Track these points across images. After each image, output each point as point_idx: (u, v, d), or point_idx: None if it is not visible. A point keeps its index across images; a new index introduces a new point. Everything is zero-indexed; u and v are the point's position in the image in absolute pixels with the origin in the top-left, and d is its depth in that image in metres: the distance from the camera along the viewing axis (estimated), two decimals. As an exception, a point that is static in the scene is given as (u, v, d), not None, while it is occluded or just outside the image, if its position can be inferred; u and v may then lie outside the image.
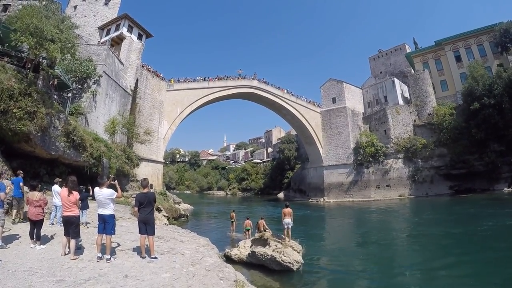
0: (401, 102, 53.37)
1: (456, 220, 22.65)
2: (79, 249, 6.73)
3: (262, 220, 14.45)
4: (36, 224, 6.96)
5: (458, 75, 50.60)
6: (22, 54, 17.05)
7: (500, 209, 24.99)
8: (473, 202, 32.06)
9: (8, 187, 8.37)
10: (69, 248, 6.38)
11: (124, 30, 34.09)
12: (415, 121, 50.03)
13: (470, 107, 40.96)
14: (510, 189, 37.93)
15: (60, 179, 10.69)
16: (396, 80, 55.67)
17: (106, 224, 6.34)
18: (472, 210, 26.30)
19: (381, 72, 72.98)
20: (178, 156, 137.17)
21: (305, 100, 55.23)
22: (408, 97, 55.22)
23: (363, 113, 56.47)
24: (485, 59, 48.06)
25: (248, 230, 16.46)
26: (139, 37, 36.05)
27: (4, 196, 6.93)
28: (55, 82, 18.27)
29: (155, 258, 6.51)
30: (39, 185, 7.80)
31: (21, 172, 10.46)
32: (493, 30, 46.21)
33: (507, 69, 40.97)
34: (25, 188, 9.81)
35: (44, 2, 19.41)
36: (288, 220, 12.25)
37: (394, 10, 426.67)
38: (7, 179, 9.31)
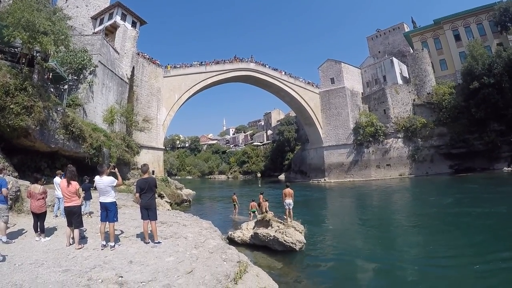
0: (400, 81, 52.90)
1: (458, 200, 21.94)
2: (83, 239, 6.83)
3: (266, 202, 14.63)
4: (39, 217, 7.01)
5: (458, 54, 49.94)
6: (16, 50, 16.82)
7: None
8: (475, 181, 32.03)
9: (11, 183, 8.42)
10: (73, 238, 6.46)
11: (117, 19, 33.61)
12: (414, 100, 49.79)
13: (470, 86, 40.71)
14: (510, 169, 38.13)
15: (62, 172, 10.78)
16: (394, 60, 54.99)
17: (108, 212, 6.40)
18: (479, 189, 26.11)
19: (379, 52, 71.94)
20: (178, 142, 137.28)
21: (304, 81, 54.78)
22: (407, 77, 54.70)
23: (362, 93, 56.11)
24: (485, 38, 47.35)
25: (254, 212, 16.61)
26: (133, 24, 35.56)
27: (6, 192, 6.97)
28: (50, 76, 18.11)
29: (159, 243, 6.60)
30: (43, 178, 7.81)
31: (60, 171, 10.86)
32: (493, 9, 45.37)
33: (506, 48, 40.46)
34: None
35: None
36: (289, 201, 12.34)
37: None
38: (8, 175, 9.37)
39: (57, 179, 9.71)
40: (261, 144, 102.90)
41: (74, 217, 6.42)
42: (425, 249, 11.54)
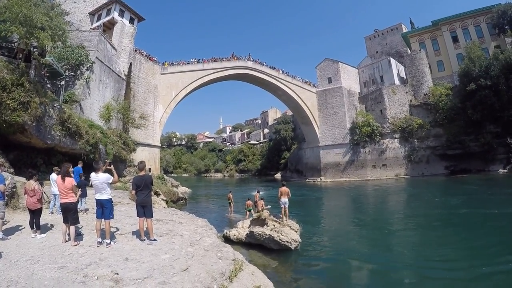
0: (397, 82, 53.06)
1: (464, 201, 21.49)
2: (79, 235, 6.83)
3: (262, 200, 14.65)
4: (35, 214, 6.98)
5: (455, 56, 50.25)
6: (13, 45, 16.71)
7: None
8: (472, 182, 32.09)
9: (8, 179, 8.38)
10: (69, 235, 6.46)
11: (115, 15, 33.42)
12: (411, 101, 50.04)
13: (467, 88, 41.08)
14: (505, 171, 38.39)
15: (59, 168, 10.76)
16: (392, 60, 55.16)
17: (104, 209, 6.41)
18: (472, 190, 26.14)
19: (377, 52, 72.06)
20: (174, 139, 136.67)
21: (301, 80, 54.87)
22: (404, 77, 54.85)
23: (359, 93, 56.26)
24: (482, 40, 47.60)
25: (249, 210, 16.63)
26: (131, 21, 35.38)
27: (3, 188, 6.93)
28: (47, 72, 18.02)
29: (154, 240, 6.63)
30: (37, 174, 7.78)
31: (81, 162, 11.49)
32: (491, 11, 45.57)
33: (504, 51, 40.79)
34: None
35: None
36: (285, 200, 12.36)
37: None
38: (4, 171, 9.33)
39: (53, 176, 9.67)
40: (257, 142, 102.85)
41: (70, 213, 6.42)
42: (427, 251, 11.09)
